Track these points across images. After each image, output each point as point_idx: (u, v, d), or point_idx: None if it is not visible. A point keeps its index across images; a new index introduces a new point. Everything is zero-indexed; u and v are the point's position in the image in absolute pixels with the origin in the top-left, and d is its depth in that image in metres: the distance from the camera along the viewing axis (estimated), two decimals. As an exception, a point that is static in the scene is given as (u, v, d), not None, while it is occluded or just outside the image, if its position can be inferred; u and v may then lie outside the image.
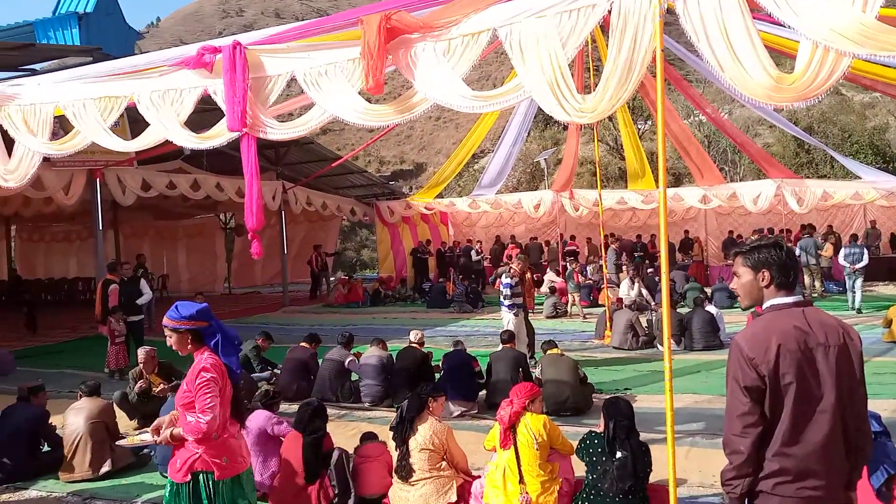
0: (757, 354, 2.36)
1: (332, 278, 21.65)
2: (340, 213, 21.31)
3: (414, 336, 8.01)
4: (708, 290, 13.91)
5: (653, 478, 4.37)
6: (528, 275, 9.91)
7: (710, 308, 10.55)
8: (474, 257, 19.41)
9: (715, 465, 5.18)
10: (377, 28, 3.89)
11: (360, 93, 4.33)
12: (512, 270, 9.30)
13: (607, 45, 3.88)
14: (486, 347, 9.80)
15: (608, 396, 5.05)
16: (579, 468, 4.58)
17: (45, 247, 27.14)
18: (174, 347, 3.46)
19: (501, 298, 9.19)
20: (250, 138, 4.55)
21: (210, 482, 3.37)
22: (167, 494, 3.44)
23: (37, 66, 12.45)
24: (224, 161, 15.65)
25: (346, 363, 7.93)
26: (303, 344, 8.57)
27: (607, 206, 18.05)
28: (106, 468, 5.66)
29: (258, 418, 5.28)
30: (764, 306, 2.51)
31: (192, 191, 14.57)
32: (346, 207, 20.94)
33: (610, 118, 27.84)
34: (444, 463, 4.63)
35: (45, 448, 6.00)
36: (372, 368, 7.62)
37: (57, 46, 15.02)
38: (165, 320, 3.44)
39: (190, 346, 3.44)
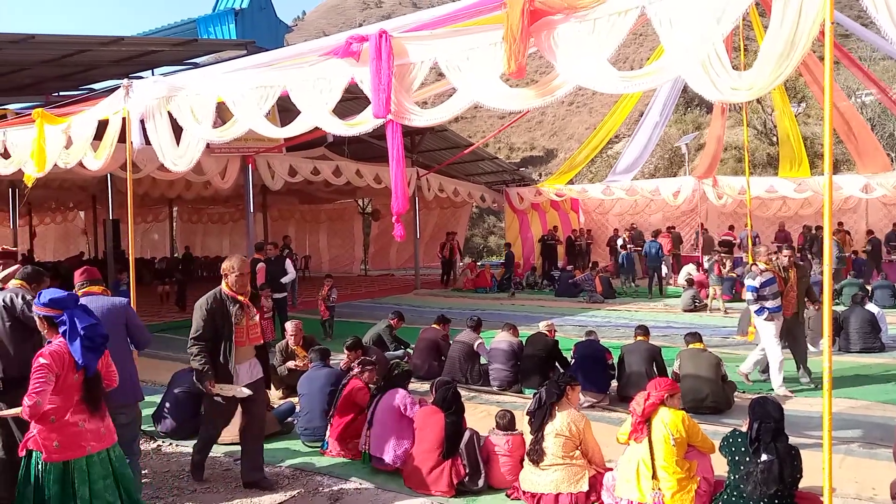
0: None
1: (459, 264, 21.94)
2: (471, 199, 21.52)
3: (544, 324, 7.96)
4: (868, 288, 12.70)
5: (802, 484, 4.07)
6: (792, 272, 7.38)
7: (871, 307, 9.63)
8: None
9: (874, 477, 4.78)
10: (521, 10, 3.86)
11: (500, 77, 4.33)
12: (754, 269, 7.51)
13: (762, 24, 3.61)
14: (617, 339, 9.54)
15: (755, 396, 4.75)
16: (719, 468, 4.37)
17: (202, 227, 29.63)
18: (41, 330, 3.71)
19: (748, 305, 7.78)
20: (395, 125, 4.68)
21: (39, 462, 3.49)
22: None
23: (198, 60, 13.51)
24: (364, 148, 16.29)
25: (476, 346, 8.03)
26: (434, 325, 8.78)
27: (754, 195, 16.90)
28: (251, 435, 6.06)
29: (394, 396, 5.45)
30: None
31: (335, 177, 15.27)
32: (476, 194, 21.11)
33: (759, 100, 26.03)
34: (577, 452, 4.58)
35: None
36: (502, 353, 7.65)
37: (216, 41, 16.24)
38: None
39: (46, 330, 3.65)
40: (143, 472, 5.05)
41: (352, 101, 6.43)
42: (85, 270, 4.75)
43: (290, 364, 7.61)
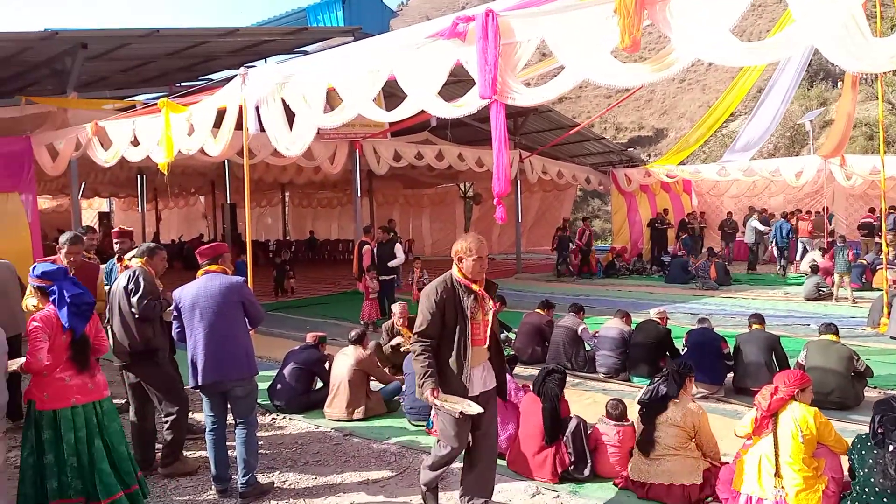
0: None
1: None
2: (575, 181, 21.05)
3: (655, 312, 7.68)
4: None
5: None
6: None
7: None
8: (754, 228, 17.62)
9: None
10: (634, -18, 3.67)
11: (611, 53, 4.16)
12: None
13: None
14: (732, 328, 9.05)
15: (882, 396, 4.37)
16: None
17: (312, 211, 30.82)
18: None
19: None
20: (499, 105, 4.61)
21: (34, 409, 4.07)
22: None
23: (308, 48, 13.95)
24: (466, 132, 16.31)
25: (579, 331, 7.87)
26: (538, 310, 8.68)
27: (889, 175, 15.52)
28: (359, 415, 6.23)
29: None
30: None
31: (437, 161, 15.39)
32: (581, 176, 20.62)
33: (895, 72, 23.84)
34: (692, 444, 4.39)
35: (318, 385, 6.80)
36: (611, 340, 7.45)
37: (324, 28, 16.69)
38: None
39: (40, 299, 4.24)
40: (259, 443, 5.30)
41: (455, 84, 6.41)
42: (210, 248, 4.93)
43: (396, 340, 7.80)
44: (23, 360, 4.09)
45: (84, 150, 9.95)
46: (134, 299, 4.92)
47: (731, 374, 6.88)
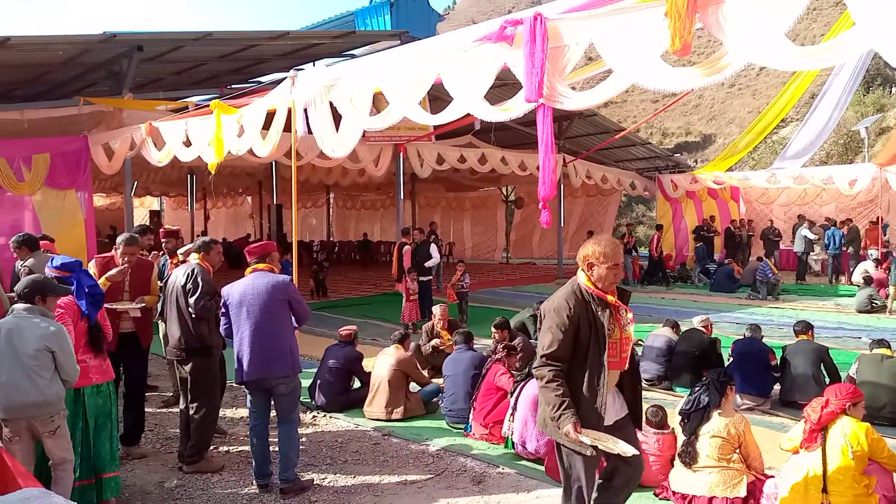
0: None
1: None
2: (620, 186, 20.79)
3: (698, 320, 7.53)
4: None
5: None
6: None
7: None
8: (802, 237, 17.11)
9: None
10: (686, -15, 3.62)
11: (661, 56, 4.11)
12: None
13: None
14: (779, 339, 8.82)
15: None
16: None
17: (355, 213, 31.13)
18: None
19: None
20: (546, 109, 4.60)
21: None
22: None
23: (355, 52, 14.12)
24: (510, 136, 16.26)
25: (623, 339, 7.76)
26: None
27: (949, 185, 14.96)
28: (398, 415, 6.27)
29: (535, 385, 5.40)
30: None
31: (480, 164, 15.38)
32: (626, 181, 20.34)
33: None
34: (735, 455, 4.28)
35: (356, 385, 6.87)
36: (656, 349, 7.34)
37: (371, 32, 16.89)
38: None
39: None
40: (300, 440, 5.37)
41: (500, 88, 6.41)
42: (259, 247, 5.03)
43: (435, 342, 7.83)
44: None
45: (138, 149, 10.26)
46: (192, 299, 5.03)
47: (777, 386, 6.71)
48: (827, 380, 6.30)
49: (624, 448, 3.17)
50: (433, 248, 11.60)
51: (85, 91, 12.91)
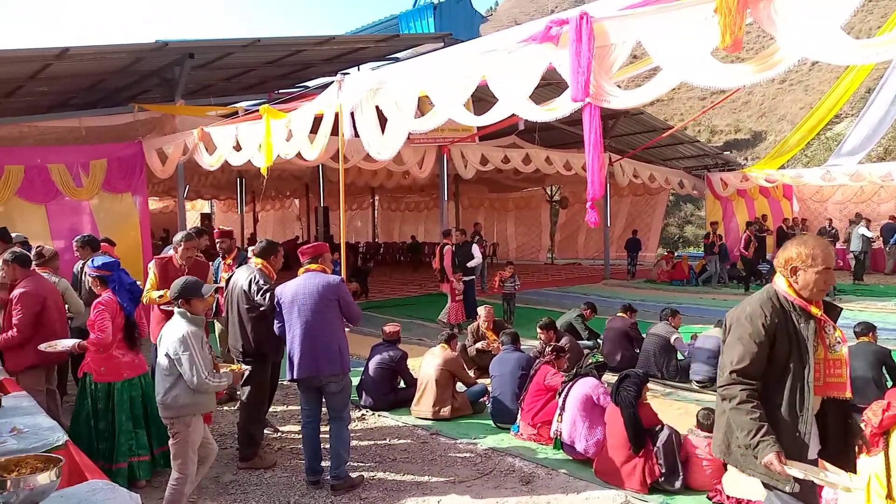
0: None
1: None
2: (668, 185, 20.45)
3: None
4: None
5: None
6: None
7: None
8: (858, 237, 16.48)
9: None
10: (737, -20, 3.56)
11: (711, 53, 4.05)
12: None
13: None
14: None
15: None
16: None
17: (400, 215, 31.36)
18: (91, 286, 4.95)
19: None
20: (593, 108, 4.57)
21: (90, 381, 4.75)
22: None
23: (399, 55, 14.24)
24: (554, 135, 16.17)
25: (672, 340, 7.66)
26: (620, 314, 8.53)
27: None
28: (445, 414, 6.30)
29: (585, 385, 5.38)
30: None
31: (524, 164, 15.33)
32: (673, 180, 20.00)
33: None
34: (791, 459, 4.17)
35: (402, 384, 6.93)
36: (708, 351, 7.21)
37: (415, 35, 16.99)
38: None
39: (99, 287, 4.79)
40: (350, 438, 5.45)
41: (544, 88, 6.39)
42: (312, 248, 5.11)
43: (480, 344, 7.85)
44: (75, 341, 4.86)
45: (191, 154, 10.55)
46: (258, 298, 5.14)
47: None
48: (889, 383, 6.08)
49: (845, 482, 2.69)
50: (475, 249, 11.61)
51: (139, 98, 13.33)
